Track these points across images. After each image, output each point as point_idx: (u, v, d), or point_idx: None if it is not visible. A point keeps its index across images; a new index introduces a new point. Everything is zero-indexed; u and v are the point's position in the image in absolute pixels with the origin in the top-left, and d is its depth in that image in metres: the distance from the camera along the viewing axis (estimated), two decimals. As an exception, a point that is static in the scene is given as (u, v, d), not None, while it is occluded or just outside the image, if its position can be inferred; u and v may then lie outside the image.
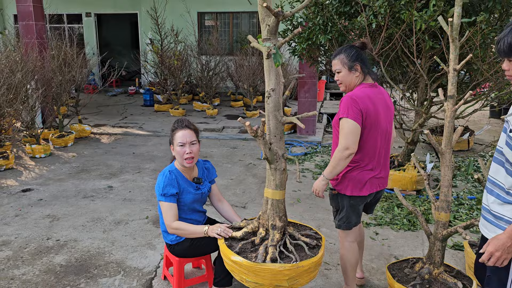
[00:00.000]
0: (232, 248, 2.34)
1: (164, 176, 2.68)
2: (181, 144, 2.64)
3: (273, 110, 2.28)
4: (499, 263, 1.75)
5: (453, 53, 2.57)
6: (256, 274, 2.17)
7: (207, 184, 2.88)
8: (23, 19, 7.73)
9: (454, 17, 2.55)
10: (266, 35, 2.19)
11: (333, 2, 4.25)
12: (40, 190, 4.94)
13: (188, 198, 2.73)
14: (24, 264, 3.33)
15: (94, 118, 9.02)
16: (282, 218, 2.41)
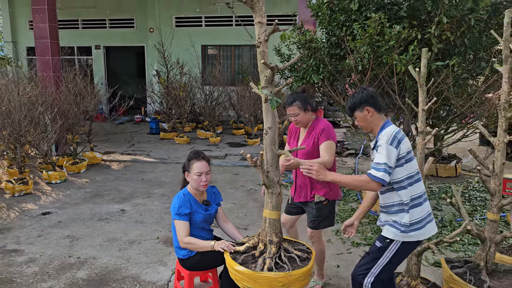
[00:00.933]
0: (236, 260, 2.78)
1: (178, 198, 3.16)
2: (199, 174, 3.13)
3: (269, 144, 2.76)
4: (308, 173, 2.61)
5: (421, 96, 3.08)
6: (255, 281, 2.60)
7: (214, 206, 3.35)
8: (41, 54, 8.32)
9: (421, 67, 3.07)
10: (264, 84, 2.70)
11: (324, 45, 4.81)
12: (59, 213, 5.39)
13: (198, 218, 3.19)
14: (50, 278, 3.75)
15: (103, 145, 9.51)
16: (278, 234, 2.84)
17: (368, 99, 2.64)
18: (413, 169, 2.59)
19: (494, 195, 3.38)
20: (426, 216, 2.64)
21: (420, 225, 2.61)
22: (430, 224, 2.65)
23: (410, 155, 2.59)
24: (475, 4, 4.14)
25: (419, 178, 2.64)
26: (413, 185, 2.60)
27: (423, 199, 2.65)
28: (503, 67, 3.24)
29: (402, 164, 2.55)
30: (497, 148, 3.32)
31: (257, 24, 2.66)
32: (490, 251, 3.45)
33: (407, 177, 2.57)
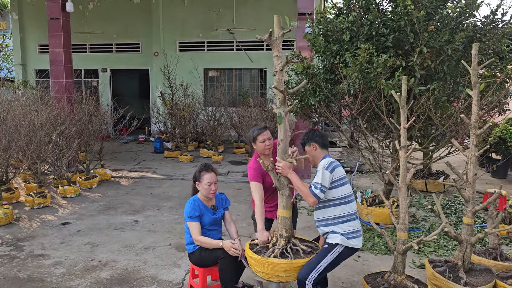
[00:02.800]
0: (252, 249, 3.36)
1: (190, 203, 3.73)
2: (209, 184, 3.67)
3: (281, 153, 3.36)
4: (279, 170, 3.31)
5: (402, 116, 3.62)
6: (263, 265, 3.14)
7: (221, 210, 3.87)
8: (56, 77, 8.90)
9: (402, 91, 3.63)
10: (279, 104, 3.29)
11: (320, 71, 5.39)
12: (77, 223, 5.84)
13: (206, 220, 3.73)
14: (77, 278, 4.20)
15: (110, 163, 9.99)
16: (288, 230, 3.38)
17: (314, 137, 3.48)
18: (345, 192, 3.34)
19: (468, 202, 3.89)
20: (358, 231, 3.36)
21: (356, 235, 3.34)
22: (361, 238, 3.40)
23: (343, 180, 3.34)
24: (452, 36, 4.73)
25: (351, 199, 3.39)
26: (347, 204, 3.35)
27: (353, 218, 3.37)
28: (472, 91, 3.80)
29: (336, 186, 3.30)
30: (470, 161, 3.84)
31: (275, 57, 3.36)
32: (467, 252, 3.94)
33: (340, 198, 3.33)
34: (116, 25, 14.34)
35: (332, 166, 3.27)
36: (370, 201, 6.02)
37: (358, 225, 3.41)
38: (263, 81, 13.77)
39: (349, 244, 3.29)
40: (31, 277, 4.21)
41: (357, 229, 3.37)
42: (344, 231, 3.29)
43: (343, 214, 3.33)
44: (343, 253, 3.30)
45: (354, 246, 3.34)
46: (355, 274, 4.32)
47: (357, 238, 3.35)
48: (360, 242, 3.40)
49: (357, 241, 3.36)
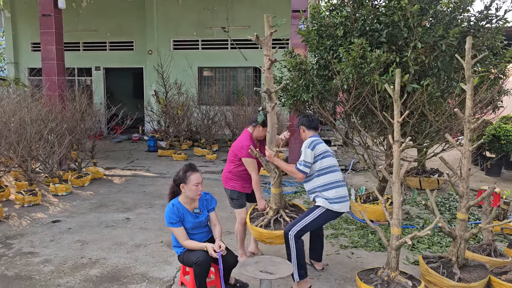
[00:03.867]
0: (251, 218, 4.25)
1: (169, 208, 3.61)
2: (196, 184, 3.56)
3: (268, 143, 3.98)
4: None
5: (396, 110, 3.58)
6: (253, 230, 4.04)
7: (205, 213, 3.75)
8: (48, 75, 8.81)
9: (396, 85, 3.59)
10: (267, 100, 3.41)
11: (313, 67, 5.34)
12: (68, 221, 5.76)
13: (187, 225, 3.63)
14: (66, 275, 4.13)
15: (103, 162, 9.89)
16: (277, 203, 4.18)
17: (301, 121, 4.16)
18: (327, 163, 3.88)
19: (462, 197, 3.85)
20: (341, 197, 3.85)
21: (338, 201, 3.83)
22: (345, 203, 3.88)
23: (325, 154, 3.89)
24: (446, 31, 4.70)
25: (333, 170, 3.91)
26: (327, 174, 3.88)
27: (336, 185, 3.86)
28: (466, 86, 3.77)
29: (318, 159, 3.86)
30: (464, 156, 3.81)
31: (264, 56, 3.78)
32: (461, 247, 3.90)
33: (323, 168, 3.87)
34: (109, 23, 14.24)
35: (313, 144, 3.86)
36: (364, 198, 5.98)
37: (343, 192, 3.88)
38: (257, 80, 13.73)
39: (331, 207, 3.81)
40: (19, 275, 4.13)
41: (340, 196, 3.85)
42: (327, 196, 3.81)
43: (326, 182, 3.85)
44: (325, 214, 3.83)
45: (337, 210, 3.83)
46: (348, 271, 4.27)
47: (340, 203, 3.83)
48: (344, 207, 3.87)
49: (340, 206, 3.83)
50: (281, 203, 4.25)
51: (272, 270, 3.29)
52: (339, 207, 3.82)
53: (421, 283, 3.61)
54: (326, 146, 3.95)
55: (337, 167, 3.97)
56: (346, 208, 3.92)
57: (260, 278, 3.22)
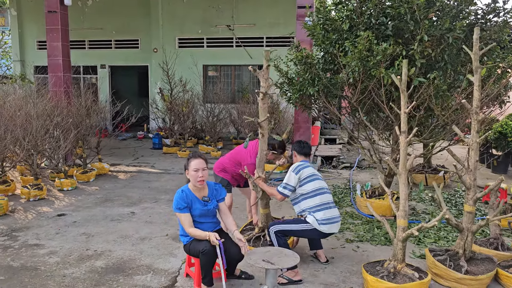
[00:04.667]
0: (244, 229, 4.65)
1: (177, 193, 3.62)
2: (196, 170, 3.56)
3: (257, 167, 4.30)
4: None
5: (403, 100, 3.56)
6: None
7: (214, 202, 3.75)
8: (53, 71, 8.84)
9: (402, 75, 3.56)
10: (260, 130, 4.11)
11: (319, 61, 5.32)
12: (73, 214, 5.77)
13: (195, 212, 3.62)
14: (72, 267, 4.13)
15: (108, 158, 9.90)
16: (263, 223, 4.42)
17: (294, 146, 4.36)
18: (315, 186, 4.00)
19: (469, 189, 3.83)
20: (331, 218, 3.93)
21: (327, 223, 3.91)
22: (334, 225, 3.96)
23: (312, 177, 4.04)
24: (453, 24, 4.67)
25: (321, 192, 4.02)
26: (316, 196, 3.98)
27: (325, 207, 3.95)
28: (474, 77, 3.74)
29: (305, 183, 4.00)
30: (471, 147, 3.78)
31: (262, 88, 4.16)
32: (468, 240, 3.87)
33: (310, 191, 3.99)
34: (115, 21, 14.28)
35: (298, 168, 4.04)
36: (370, 193, 5.96)
37: (332, 214, 3.97)
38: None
39: (319, 228, 3.90)
40: (25, 266, 4.14)
41: (329, 217, 3.93)
42: (317, 217, 3.89)
43: (315, 204, 3.95)
44: (312, 232, 3.94)
45: (324, 231, 3.92)
46: (354, 264, 4.25)
47: (328, 224, 3.91)
48: (333, 228, 3.96)
49: (328, 227, 3.92)
50: (268, 223, 4.42)
51: (276, 260, 3.27)
52: (327, 229, 3.92)
53: (428, 275, 3.59)
54: (313, 170, 4.14)
55: (326, 190, 4.09)
56: (335, 229, 4.01)
57: (260, 266, 3.21)
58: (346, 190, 7.19)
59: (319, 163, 9.74)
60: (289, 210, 6.09)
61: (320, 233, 3.96)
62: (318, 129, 12.95)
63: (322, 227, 3.90)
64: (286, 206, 6.30)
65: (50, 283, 3.80)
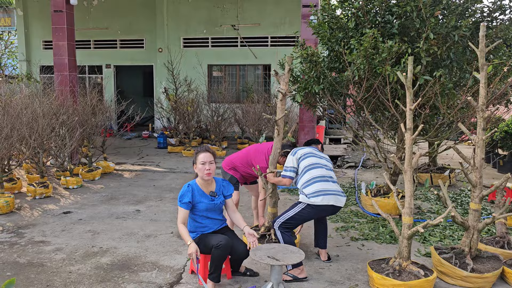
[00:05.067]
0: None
1: (184, 187, 3.65)
2: (203, 163, 3.58)
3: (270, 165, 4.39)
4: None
5: (408, 97, 3.55)
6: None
7: (221, 197, 3.76)
8: (59, 70, 8.89)
9: (408, 72, 3.56)
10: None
11: (325, 59, 5.32)
12: (78, 212, 5.80)
13: (201, 206, 3.63)
14: (77, 263, 4.15)
15: (113, 157, 9.94)
16: (270, 222, 4.38)
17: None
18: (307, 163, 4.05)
19: (475, 187, 3.81)
20: (323, 191, 3.87)
21: (317, 195, 3.85)
22: (328, 196, 3.87)
23: (307, 155, 4.11)
24: (458, 22, 4.65)
25: (313, 167, 4.03)
26: (308, 171, 4.00)
27: (316, 180, 3.92)
28: (480, 74, 3.73)
29: (300, 161, 4.09)
30: (477, 145, 3.76)
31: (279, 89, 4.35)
32: (474, 238, 3.86)
33: (303, 168, 4.05)
34: (120, 21, 14.34)
35: (294, 150, 4.21)
36: (375, 192, 5.94)
37: (327, 186, 3.91)
38: (267, 78, 13.72)
39: (309, 202, 3.86)
40: (31, 262, 4.16)
41: (322, 189, 3.88)
42: (306, 192, 3.89)
43: (307, 179, 3.96)
44: (306, 209, 3.91)
45: (318, 203, 3.85)
46: (359, 261, 4.24)
47: (320, 196, 3.84)
48: (327, 199, 3.86)
49: (321, 199, 3.84)
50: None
51: (281, 257, 3.27)
52: (320, 200, 3.84)
53: (433, 273, 3.58)
54: (309, 149, 4.20)
55: (320, 165, 4.06)
56: (333, 201, 3.89)
57: (265, 263, 3.21)
58: (351, 189, 7.18)
59: (323, 162, 9.73)
60: (294, 208, 6.08)
61: (316, 209, 3.89)
62: (323, 128, 12.93)
63: (313, 199, 3.84)
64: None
65: (56, 279, 3.82)
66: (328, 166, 4.16)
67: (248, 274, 3.89)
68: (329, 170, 4.12)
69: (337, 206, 3.96)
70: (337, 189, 3.98)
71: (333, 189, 3.94)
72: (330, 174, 4.09)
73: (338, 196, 3.94)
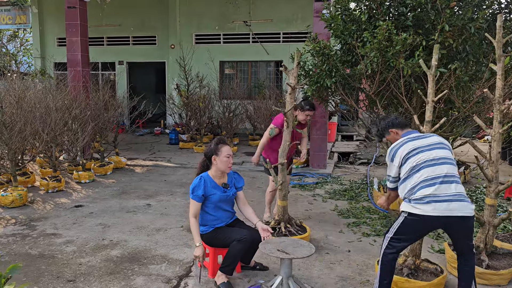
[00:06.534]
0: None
1: (197, 179, 3.63)
2: (228, 156, 3.56)
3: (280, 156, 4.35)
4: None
5: (431, 88, 3.48)
6: None
7: (233, 189, 3.75)
8: (72, 66, 8.94)
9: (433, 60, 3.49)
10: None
11: (337, 52, 5.24)
12: (90, 206, 5.83)
13: (215, 198, 3.61)
14: (88, 255, 4.17)
15: (125, 153, 9.96)
16: (279, 215, 4.40)
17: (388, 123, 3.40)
18: (415, 161, 3.04)
19: (491, 181, 3.71)
20: (438, 196, 2.87)
21: (427, 201, 2.87)
22: (444, 203, 2.85)
23: (412, 152, 3.07)
24: (475, 14, 4.54)
25: (419, 168, 3.00)
26: (419, 171, 2.99)
27: (427, 185, 2.92)
28: (497, 65, 3.62)
29: (403, 164, 3.10)
30: (493, 138, 3.66)
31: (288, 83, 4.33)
32: (489, 234, 3.76)
33: (410, 169, 3.04)
34: (133, 18, 14.40)
35: (392, 151, 3.19)
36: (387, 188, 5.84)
37: (445, 190, 2.89)
38: (279, 74, 13.65)
39: (413, 210, 2.91)
40: (42, 254, 4.19)
41: (436, 194, 2.87)
42: (413, 197, 2.95)
43: (413, 184, 2.98)
44: (408, 221, 2.97)
45: (427, 213, 2.86)
46: (370, 257, 4.17)
47: (432, 203, 2.85)
48: (444, 207, 2.84)
49: (433, 206, 2.84)
50: (285, 216, 4.40)
51: (290, 250, 3.22)
52: (431, 209, 2.86)
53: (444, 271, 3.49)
54: (416, 143, 3.11)
55: (435, 161, 3.00)
56: (457, 209, 2.86)
57: (274, 256, 3.17)
58: (363, 185, 7.09)
59: (335, 158, 9.64)
60: (306, 204, 6.03)
61: (416, 219, 2.92)
62: (335, 125, 12.82)
63: (420, 207, 2.88)
64: (303, 200, 6.24)
65: (67, 270, 3.83)
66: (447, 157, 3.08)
67: (258, 268, 3.85)
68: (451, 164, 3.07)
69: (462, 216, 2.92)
70: (461, 193, 2.96)
71: (456, 194, 2.94)
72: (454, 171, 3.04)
73: (462, 203, 2.92)
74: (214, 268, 3.68)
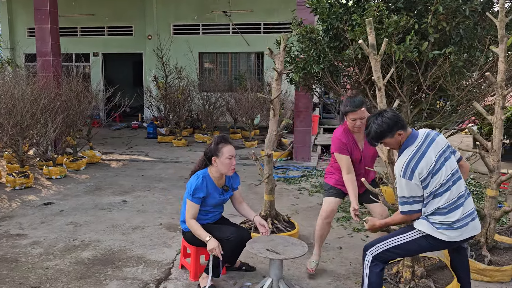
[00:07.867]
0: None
1: (197, 179, 3.18)
2: (230, 157, 3.16)
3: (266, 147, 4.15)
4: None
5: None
6: None
7: (230, 192, 3.41)
8: (42, 55, 8.40)
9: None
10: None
11: (324, 38, 4.94)
12: (60, 203, 5.40)
13: (211, 202, 3.25)
14: (56, 258, 3.77)
15: (100, 147, 9.47)
16: (266, 211, 4.15)
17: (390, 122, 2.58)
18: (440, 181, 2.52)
19: (492, 172, 3.48)
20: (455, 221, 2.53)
21: (452, 227, 2.53)
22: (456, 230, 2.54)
23: (434, 169, 2.52)
24: (470, -5, 4.30)
25: (443, 190, 2.53)
26: (437, 197, 2.53)
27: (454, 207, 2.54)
28: (499, 47, 3.39)
29: (426, 184, 2.53)
30: (495, 126, 3.43)
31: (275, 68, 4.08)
32: (490, 227, 3.54)
33: (435, 190, 2.53)
34: (108, 7, 13.78)
35: (409, 168, 2.52)
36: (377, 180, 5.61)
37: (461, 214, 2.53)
38: (260, 65, 13.31)
39: (436, 235, 2.54)
40: (4, 257, 3.77)
41: (456, 220, 2.52)
42: (436, 219, 2.55)
43: (441, 205, 2.53)
44: (423, 241, 2.59)
45: (445, 239, 2.54)
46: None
47: (453, 230, 2.53)
48: (461, 234, 2.55)
49: (453, 233, 2.53)
50: (272, 211, 4.13)
51: (281, 250, 2.92)
52: (455, 235, 2.54)
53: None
54: (432, 156, 2.54)
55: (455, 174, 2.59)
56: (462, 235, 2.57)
57: (263, 256, 2.87)
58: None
59: (319, 151, 9.40)
60: (292, 199, 5.75)
61: (436, 242, 2.59)
62: (317, 117, 12.59)
63: (447, 233, 2.53)
64: (288, 194, 5.95)
65: (31, 276, 3.44)
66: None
67: (244, 269, 3.53)
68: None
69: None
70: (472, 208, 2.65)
71: (470, 211, 2.62)
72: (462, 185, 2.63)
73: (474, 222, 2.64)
74: (196, 270, 3.35)
